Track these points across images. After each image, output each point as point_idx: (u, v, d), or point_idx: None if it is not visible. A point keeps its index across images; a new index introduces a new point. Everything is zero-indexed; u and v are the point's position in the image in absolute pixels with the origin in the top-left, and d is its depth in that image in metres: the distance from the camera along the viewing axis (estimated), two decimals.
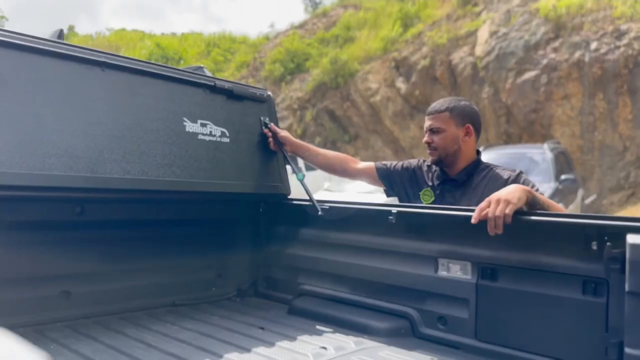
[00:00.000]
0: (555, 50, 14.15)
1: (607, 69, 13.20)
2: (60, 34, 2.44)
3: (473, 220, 2.00)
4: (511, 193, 2.01)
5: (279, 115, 20.79)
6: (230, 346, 2.04)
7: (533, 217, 1.98)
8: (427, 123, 2.61)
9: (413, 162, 2.81)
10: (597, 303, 1.80)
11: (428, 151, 2.61)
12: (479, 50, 15.80)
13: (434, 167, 2.68)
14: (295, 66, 21.60)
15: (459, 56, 16.22)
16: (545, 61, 14.15)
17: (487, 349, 2.04)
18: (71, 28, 45.20)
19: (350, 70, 18.86)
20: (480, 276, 2.10)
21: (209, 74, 3.06)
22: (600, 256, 1.75)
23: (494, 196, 2.01)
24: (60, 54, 2.07)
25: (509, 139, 14.69)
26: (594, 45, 13.52)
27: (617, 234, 1.70)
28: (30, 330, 2.10)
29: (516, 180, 2.42)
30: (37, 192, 1.96)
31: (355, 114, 18.48)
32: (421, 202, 2.63)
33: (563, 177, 9.18)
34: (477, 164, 2.60)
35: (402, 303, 2.33)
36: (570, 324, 1.86)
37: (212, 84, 2.59)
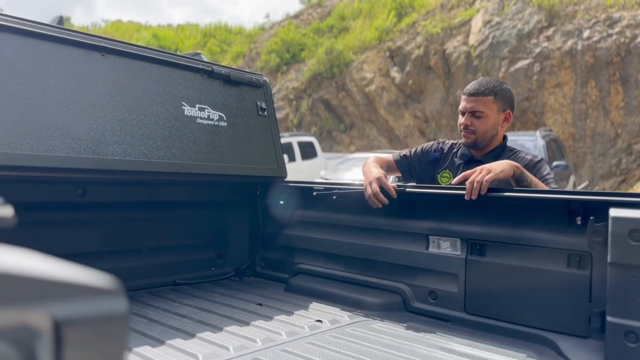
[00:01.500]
0: (548, 38, 14.23)
1: (600, 57, 13.29)
2: (60, 20, 2.50)
3: (453, 182, 2.11)
4: (496, 164, 2.11)
5: (275, 105, 20.79)
6: (229, 320, 2.12)
7: (520, 194, 2.07)
8: (468, 104, 2.46)
9: (432, 145, 2.71)
10: (581, 275, 1.88)
11: (463, 133, 2.49)
12: (472, 39, 15.87)
13: (455, 147, 2.64)
14: (291, 56, 21.60)
15: (453, 45, 16.28)
16: (538, 50, 14.23)
17: (475, 321, 2.12)
18: (67, 20, 44.94)
19: (345, 60, 18.89)
20: (469, 252, 2.19)
21: (206, 60, 3.11)
22: (584, 230, 1.83)
23: (480, 166, 2.11)
24: (62, 39, 2.13)
25: None
26: (586, 34, 13.60)
27: (600, 209, 1.78)
28: None
29: (535, 166, 2.39)
30: (41, 172, 2.02)
31: (351, 103, 18.53)
32: (438, 184, 2.58)
33: (555, 163, 9.30)
34: (503, 148, 2.54)
35: (394, 279, 2.41)
36: (555, 296, 1.95)
37: (210, 69, 2.65)
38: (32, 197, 2.27)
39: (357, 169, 10.95)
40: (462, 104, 2.50)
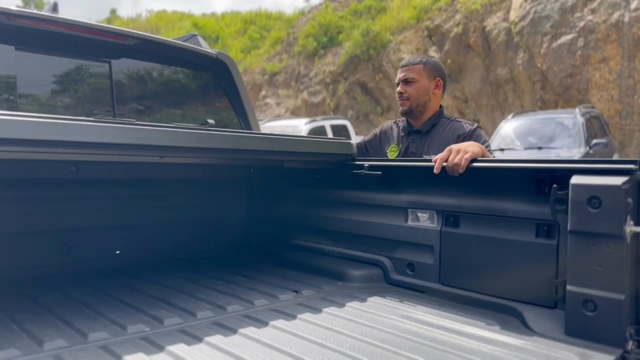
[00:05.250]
0: (592, 11, 13.61)
1: None
2: (55, 7, 2.62)
3: (435, 171, 2.12)
4: (469, 145, 2.16)
5: (311, 90, 20.70)
6: (208, 289, 2.21)
7: (490, 164, 2.06)
8: (401, 75, 2.74)
9: (384, 125, 2.96)
10: (549, 245, 1.86)
11: (399, 101, 2.74)
12: (513, 15, 15.36)
13: (400, 123, 2.83)
14: (328, 40, 21.52)
15: (493, 22, 15.81)
16: (582, 23, 13.64)
17: (449, 292, 2.13)
18: (113, 11, 46.41)
19: (382, 41, 18.67)
20: (444, 224, 2.19)
21: (203, 44, 3.17)
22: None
23: (454, 147, 2.13)
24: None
25: (544, 106, 14.32)
26: (634, 4, 12.93)
27: (564, 177, 1.76)
28: (33, 279, 2.33)
29: (473, 132, 2.57)
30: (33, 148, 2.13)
31: (387, 85, 18.33)
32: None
33: (594, 141, 8.98)
34: (439, 115, 2.75)
35: (376, 252, 2.44)
36: (524, 266, 1.93)
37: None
38: (27, 174, 2.39)
39: None
40: (397, 77, 2.78)
